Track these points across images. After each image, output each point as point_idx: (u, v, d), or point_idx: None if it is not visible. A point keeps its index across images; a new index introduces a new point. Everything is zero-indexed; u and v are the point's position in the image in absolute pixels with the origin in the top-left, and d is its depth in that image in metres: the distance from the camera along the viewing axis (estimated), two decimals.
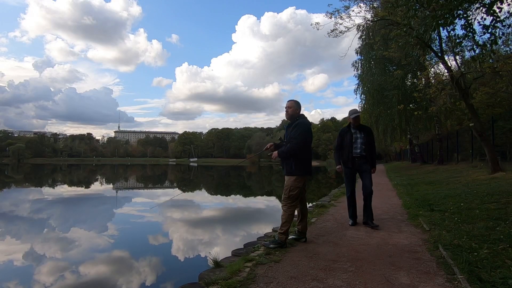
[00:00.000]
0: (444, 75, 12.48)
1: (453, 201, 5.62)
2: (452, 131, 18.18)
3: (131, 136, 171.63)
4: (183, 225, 7.24)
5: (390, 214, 5.47)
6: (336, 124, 78.66)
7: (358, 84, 23.22)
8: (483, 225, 3.81)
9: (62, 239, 5.89)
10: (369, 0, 14.51)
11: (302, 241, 3.74)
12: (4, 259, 4.73)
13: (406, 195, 7.52)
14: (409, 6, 5.20)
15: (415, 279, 2.54)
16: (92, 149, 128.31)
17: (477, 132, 9.71)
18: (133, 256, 4.82)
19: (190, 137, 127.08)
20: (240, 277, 2.64)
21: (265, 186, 18.15)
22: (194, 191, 14.75)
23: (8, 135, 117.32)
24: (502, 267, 2.55)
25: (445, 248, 3.14)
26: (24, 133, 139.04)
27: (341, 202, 7.01)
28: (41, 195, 13.10)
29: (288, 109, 3.74)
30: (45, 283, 3.82)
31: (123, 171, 37.60)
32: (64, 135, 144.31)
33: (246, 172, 33.31)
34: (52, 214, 8.77)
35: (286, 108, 3.76)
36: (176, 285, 3.55)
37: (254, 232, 6.05)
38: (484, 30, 4.98)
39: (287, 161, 3.64)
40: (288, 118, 3.77)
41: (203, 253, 4.86)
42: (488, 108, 14.20)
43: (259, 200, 11.87)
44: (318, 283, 2.49)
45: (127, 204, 10.94)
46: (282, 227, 3.52)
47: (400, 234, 4.03)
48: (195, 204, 10.85)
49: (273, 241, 3.56)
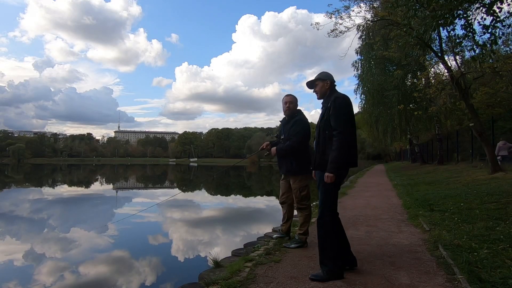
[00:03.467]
0: (444, 75, 12.48)
1: (453, 201, 5.62)
2: (452, 131, 18.19)
3: (131, 136, 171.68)
4: (183, 225, 7.23)
5: (390, 214, 5.47)
6: None
7: (358, 84, 23.22)
8: (483, 225, 3.80)
9: (62, 239, 5.89)
10: (369, 0, 14.54)
11: (286, 239, 3.79)
12: (4, 259, 4.72)
13: (406, 195, 7.52)
14: (409, 6, 5.21)
15: (415, 279, 2.54)
16: (92, 149, 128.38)
17: (477, 132, 9.71)
18: (133, 256, 4.81)
19: (190, 137, 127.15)
20: (240, 277, 2.64)
21: (265, 186, 18.14)
22: (194, 191, 14.74)
23: (8, 135, 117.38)
24: (502, 267, 2.55)
25: (445, 248, 3.14)
26: (24, 133, 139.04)
27: (341, 202, 7.00)
28: (41, 195, 13.10)
29: (290, 104, 3.67)
30: (45, 283, 3.82)
31: (123, 171, 37.59)
32: (64, 135, 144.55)
33: (246, 172, 33.31)
34: (52, 214, 8.77)
35: (287, 103, 3.68)
36: (176, 285, 3.55)
37: (254, 232, 6.04)
38: (484, 30, 4.99)
39: (286, 160, 3.61)
40: (288, 114, 3.70)
41: (203, 253, 4.86)
42: (488, 108, 14.20)
43: (259, 200, 11.86)
44: (318, 283, 2.49)
45: (127, 204, 10.93)
46: (302, 227, 3.56)
47: (400, 234, 4.03)
48: (195, 204, 10.84)
49: (294, 241, 3.58)
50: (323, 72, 2.92)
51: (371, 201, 7.02)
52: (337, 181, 2.64)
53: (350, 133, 2.61)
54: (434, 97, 12.58)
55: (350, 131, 2.62)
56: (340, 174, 2.63)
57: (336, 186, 2.67)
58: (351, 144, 2.63)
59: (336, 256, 2.58)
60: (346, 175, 2.79)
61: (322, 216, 2.65)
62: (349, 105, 2.69)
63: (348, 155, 2.61)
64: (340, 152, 2.55)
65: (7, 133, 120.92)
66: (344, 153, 2.56)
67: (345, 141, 2.56)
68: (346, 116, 2.63)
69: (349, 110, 2.67)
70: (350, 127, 2.63)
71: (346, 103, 2.67)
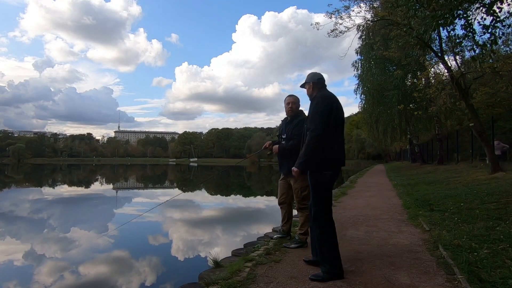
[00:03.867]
0: (444, 75, 12.49)
1: (453, 201, 5.62)
2: (452, 131, 18.19)
3: (131, 136, 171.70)
4: (183, 225, 7.23)
5: (390, 214, 5.47)
6: None
7: (358, 84, 23.23)
8: (483, 225, 3.80)
9: (62, 239, 5.89)
10: (369, 0, 14.53)
11: (287, 239, 3.82)
12: (4, 259, 4.72)
13: (406, 195, 7.52)
14: (409, 6, 5.21)
15: (415, 279, 2.54)
16: (92, 149, 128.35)
17: (477, 132, 9.71)
18: (133, 256, 4.81)
19: (190, 137, 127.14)
20: (240, 277, 2.64)
21: (265, 186, 18.14)
22: (194, 191, 14.74)
23: (8, 135, 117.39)
24: (502, 267, 2.55)
25: (445, 248, 3.14)
26: (24, 133, 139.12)
27: (341, 202, 7.02)
28: (41, 195, 13.10)
29: (293, 104, 3.70)
30: (45, 283, 3.82)
31: (123, 171, 37.60)
32: (64, 135, 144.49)
33: (246, 172, 33.31)
34: (52, 214, 8.77)
35: (290, 103, 3.70)
36: (176, 285, 3.54)
37: (254, 232, 6.04)
38: (484, 30, 4.99)
39: (288, 159, 3.61)
40: (291, 114, 3.71)
41: (203, 253, 4.86)
42: (488, 108, 14.21)
43: (259, 200, 11.86)
44: (318, 283, 2.49)
45: (127, 204, 10.93)
46: (302, 227, 3.58)
47: (400, 234, 4.03)
48: (195, 204, 10.84)
49: (294, 241, 3.59)
50: (309, 74, 2.96)
51: (371, 201, 7.02)
52: (324, 181, 2.64)
53: (325, 131, 2.55)
54: (434, 97, 12.58)
55: (325, 129, 2.56)
56: (326, 174, 2.63)
57: (324, 187, 2.66)
58: (328, 143, 2.60)
59: (334, 257, 2.58)
60: (337, 175, 2.73)
61: (316, 218, 2.66)
62: (327, 104, 2.64)
63: (321, 154, 2.59)
64: (306, 148, 2.58)
65: (7, 133, 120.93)
66: (312, 150, 2.57)
67: (315, 139, 2.55)
68: (321, 115, 2.59)
69: (325, 108, 2.62)
70: (326, 125, 2.56)
71: (323, 102, 2.66)
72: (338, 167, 2.73)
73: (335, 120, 2.63)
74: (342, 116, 2.77)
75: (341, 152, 2.72)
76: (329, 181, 2.68)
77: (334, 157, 2.65)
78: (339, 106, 2.73)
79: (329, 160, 2.63)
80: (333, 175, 2.68)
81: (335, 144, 2.64)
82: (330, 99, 2.70)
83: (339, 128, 2.69)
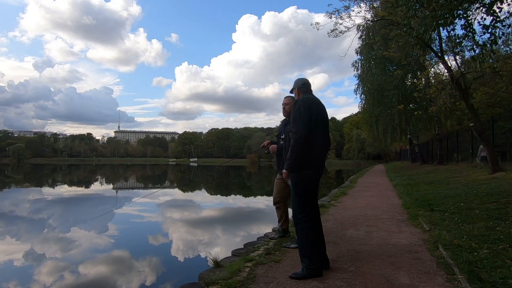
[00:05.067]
0: (444, 75, 12.50)
1: (453, 201, 5.62)
2: (452, 131, 18.20)
3: (131, 136, 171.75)
4: (183, 225, 7.24)
5: (390, 214, 5.47)
6: (336, 124, 78.64)
7: (358, 84, 23.27)
8: (483, 225, 3.81)
9: (62, 239, 5.89)
10: (369, 0, 14.54)
11: (287, 236, 3.89)
12: (4, 259, 4.73)
13: (406, 195, 7.52)
14: (409, 6, 5.21)
15: (415, 279, 2.54)
16: (92, 149, 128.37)
17: (477, 132, 9.71)
18: (133, 256, 4.82)
19: (190, 137, 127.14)
20: (240, 277, 2.64)
21: (265, 186, 18.14)
22: (194, 191, 14.75)
23: (8, 135, 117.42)
24: (502, 267, 2.55)
25: (445, 248, 3.14)
26: (24, 133, 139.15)
27: (341, 202, 7.02)
28: (41, 195, 13.10)
29: (286, 106, 3.74)
30: (45, 283, 3.82)
31: (123, 171, 37.60)
32: (64, 135, 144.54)
33: (246, 172, 33.31)
34: (52, 214, 8.77)
35: (283, 105, 3.77)
36: (176, 285, 3.55)
37: (254, 232, 6.04)
38: (484, 30, 4.99)
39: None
40: (287, 115, 3.76)
41: (203, 253, 4.86)
42: (488, 108, 14.23)
43: (259, 200, 11.86)
44: (318, 283, 2.49)
45: (127, 204, 10.92)
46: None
47: (400, 234, 4.03)
48: (195, 204, 10.85)
49: (294, 241, 3.59)
50: (295, 80, 3.09)
51: (371, 201, 7.02)
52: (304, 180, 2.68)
53: (307, 133, 2.62)
54: (434, 97, 12.59)
55: (307, 131, 2.62)
56: (305, 173, 2.67)
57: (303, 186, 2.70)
58: (310, 144, 2.65)
59: (312, 253, 2.61)
60: (318, 175, 2.77)
61: (295, 215, 2.73)
62: (308, 106, 2.71)
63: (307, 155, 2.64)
64: (291, 151, 2.65)
65: (7, 133, 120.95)
66: (298, 151, 2.63)
67: (298, 141, 2.61)
68: (302, 118, 2.64)
69: (306, 110, 2.68)
70: (308, 128, 2.62)
71: (304, 105, 2.71)
72: (318, 166, 2.77)
73: (315, 122, 2.69)
74: (324, 117, 2.83)
75: (321, 152, 2.77)
76: (308, 180, 2.72)
77: (313, 157, 2.70)
78: (319, 107, 2.79)
79: (308, 159, 2.68)
80: (312, 174, 2.72)
81: (314, 145, 2.69)
82: (310, 101, 2.77)
83: (319, 129, 2.74)
